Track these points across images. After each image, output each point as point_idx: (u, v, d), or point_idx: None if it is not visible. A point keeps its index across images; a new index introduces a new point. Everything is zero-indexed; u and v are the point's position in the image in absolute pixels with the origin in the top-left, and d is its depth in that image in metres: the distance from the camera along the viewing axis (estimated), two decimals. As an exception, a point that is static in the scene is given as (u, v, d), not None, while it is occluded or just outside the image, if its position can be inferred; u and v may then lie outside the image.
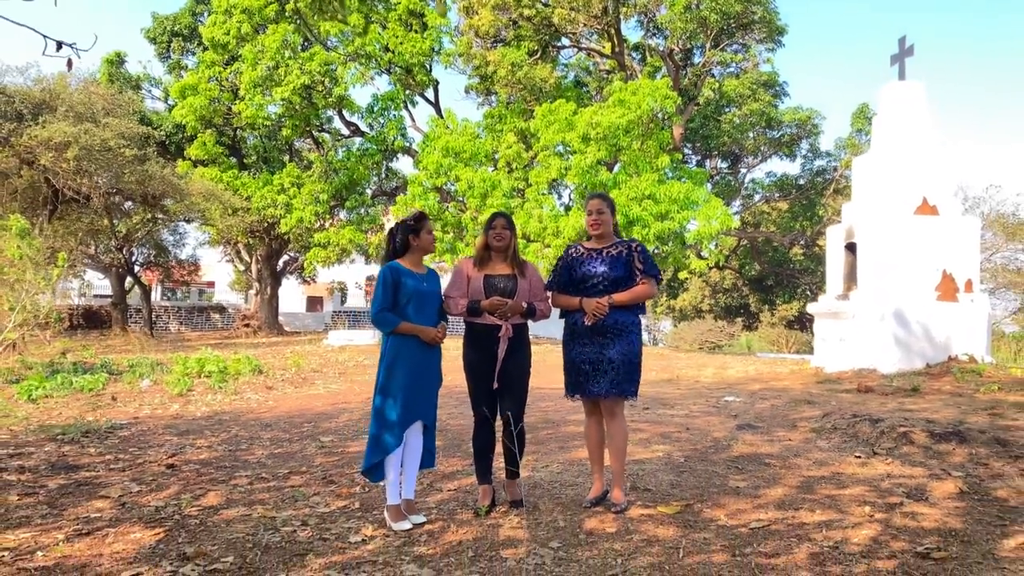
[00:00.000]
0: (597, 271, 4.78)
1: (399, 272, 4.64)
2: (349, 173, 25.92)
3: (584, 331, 4.74)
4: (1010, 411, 7.68)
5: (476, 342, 4.81)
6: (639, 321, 4.84)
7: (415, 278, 4.67)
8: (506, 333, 4.69)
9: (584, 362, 4.74)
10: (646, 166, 21.46)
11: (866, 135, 30.08)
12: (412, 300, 4.60)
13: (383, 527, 4.59)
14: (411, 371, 4.59)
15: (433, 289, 4.76)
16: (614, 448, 4.80)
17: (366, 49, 24.59)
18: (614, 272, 4.75)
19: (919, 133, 12.21)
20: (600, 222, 4.85)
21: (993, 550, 3.82)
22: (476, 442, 4.93)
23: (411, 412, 4.62)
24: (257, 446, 7.66)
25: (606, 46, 27.79)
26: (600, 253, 4.85)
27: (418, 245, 4.74)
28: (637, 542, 4.12)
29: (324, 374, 14.67)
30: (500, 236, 4.80)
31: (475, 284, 4.81)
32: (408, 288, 4.61)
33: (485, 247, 4.88)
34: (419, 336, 4.59)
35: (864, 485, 5.15)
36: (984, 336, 11.59)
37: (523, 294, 4.79)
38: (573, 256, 4.95)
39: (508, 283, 4.79)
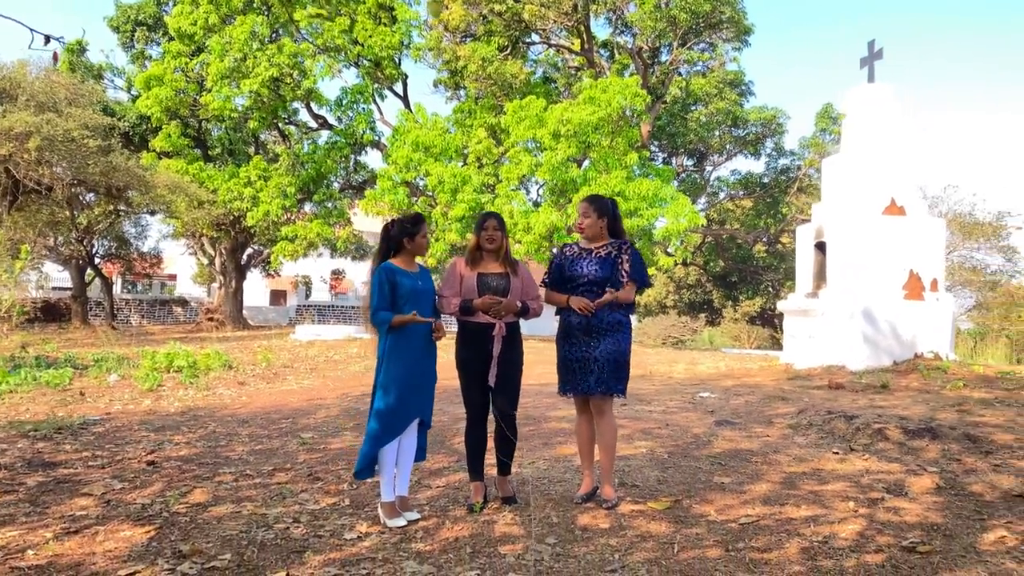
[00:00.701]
0: (584, 271, 4.85)
1: (394, 272, 4.67)
2: (316, 166, 25.75)
3: (575, 329, 4.81)
4: (976, 408, 7.90)
5: (469, 340, 4.84)
6: (629, 321, 4.91)
7: (410, 277, 4.70)
8: (500, 332, 4.75)
9: (574, 360, 4.82)
10: (616, 163, 21.61)
11: (830, 135, 30.59)
12: (409, 300, 4.62)
13: (377, 524, 4.62)
14: (408, 369, 4.64)
15: (428, 287, 4.80)
16: (604, 445, 4.87)
17: (335, 42, 24.41)
18: (600, 273, 4.81)
19: (887, 135, 12.47)
20: (584, 225, 4.94)
21: (974, 544, 3.96)
22: (469, 440, 4.97)
23: (409, 409, 4.67)
24: (237, 442, 7.62)
25: (575, 43, 27.89)
26: (590, 253, 4.92)
27: (412, 248, 4.76)
28: (631, 538, 4.20)
29: (295, 369, 14.59)
30: (492, 239, 4.86)
31: (468, 283, 4.84)
32: (405, 288, 4.64)
33: (477, 247, 4.91)
34: (411, 323, 4.59)
35: (845, 481, 5.28)
36: (948, 334, 11.89)
37: (516, 292, 4.84)
38: (566, 255, 5.03)
39: (501, 282, 4.84)
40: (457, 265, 4.96)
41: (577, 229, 5.01)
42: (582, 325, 4.78)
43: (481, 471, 4.98)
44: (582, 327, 4.79)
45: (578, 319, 4.78)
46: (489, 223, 4.90)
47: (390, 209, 23.55)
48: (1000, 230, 32.91)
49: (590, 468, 5.03)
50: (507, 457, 4.95)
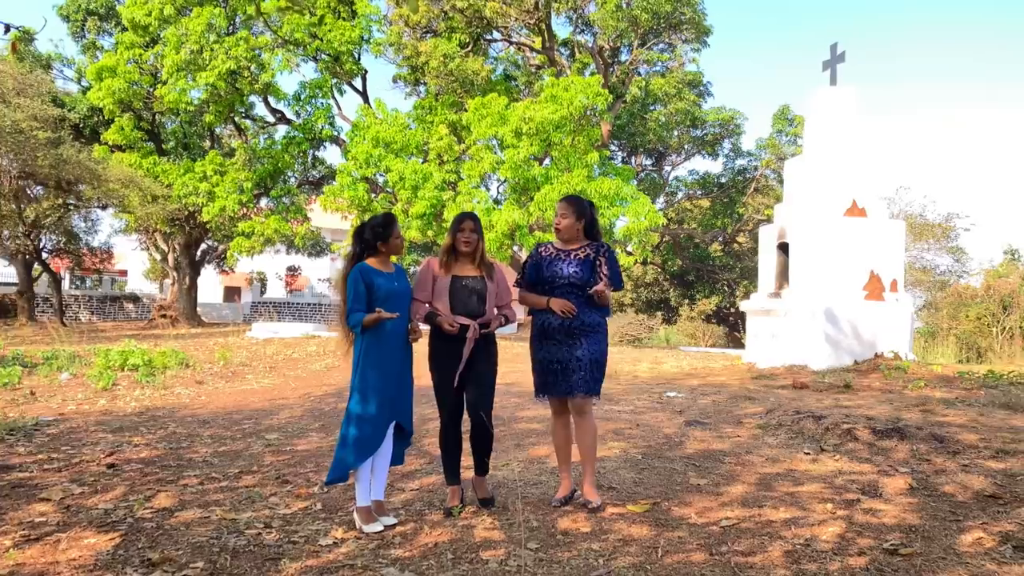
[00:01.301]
0: (563, 272, 4.76)
1: (369, 273, 4.57)
2: (274, 161, 25.36)
3: (553, 331, 4.73)
4: (939, 407, 8.02)
5: (443, 340, 4.74)
6: (605, 322, 4.88)
7: (386, 278, 4.60)
8: (474, 334, 4.66)
9: (553, 362, 4.74)
10: (577, 162, 21.61)
11: (786, 136, 30.99)
12: (386, 301, 4.50)
13: (353, 529, 4.52)
14: (384, 372, 4.55)
15: (404, 288, 4.71)
16: (585, 447, 4.80)
17: (295, 35, 24.06)
18: (580, 275, 4.74)
19: (849, 137, 12.63)
20: (562, 225, 4.86)
21: (953, 545, 3.98)
22: (444, 442, 4.88)
23: (386, 415, 4.57)
24: (199, 444, 7.44)
25: (536, 41, 27.84)
26: (568, 255, 4.84)
27: (387, 249, 4.67)
28: (614, 542, 4.15)
29: (254, 368, 14.34)
30: (468, 240, 4.75)
31: (441, 285, 4.75)
32: (381, 289, 4.54)
33: (451, 249, 4.79)
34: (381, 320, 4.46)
35: (819, 482, 5.30)
36: (908, 334, 12.10)
37: (491, 297, 4.77)
38: (542, 255, 4.93)
39: (477, 284, 4.75)
40: (430, 266, 4.85)
41: (554, 229, 4.94)
42: (563, 327, 4.70)
43: (458, 474, 4.89)
44: (563, 328, 4.71)
45: (559, 320, 4.71)
46: (466, 224, 4.77)
47: (349, 205, 23.30)
48: (949, 231, 33.66)
49: (567, 471, 4.97)
50: (484, 455, 4.87)
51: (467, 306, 4.71)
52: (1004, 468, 5.51)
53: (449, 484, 4.89)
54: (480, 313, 4.74)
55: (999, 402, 8.26)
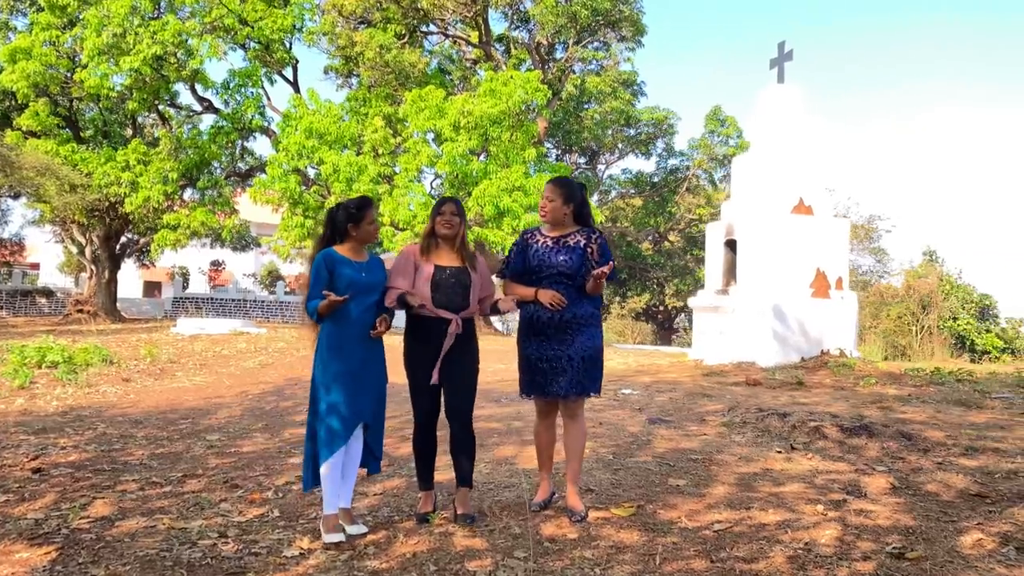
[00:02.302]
0: (554, 260, 4.41)
1: (333, 260, 4.20)
2: (200, 152, 24.42)
3: (544, 325, 4.38)
4: (896, 404, 8.02)
5: (420, 335, 4.38)
6: (599, 314, 4.56)
7: (352, 267, 4.22)
8: (455, 329, 4.30)
9: (543, 359, 4.39)
10: (516, 157, 21.40)
11: (718, 136, 31.35)
12: (350, 292, 4.12)
13: (319, 538, 4.15)
14: (348, 366, 4.19)
15: (374, 279, 4.31)
16: (573, 451, 4.50)
17: (224, 21, 23.21)
18: (571, 263, 4.39)
19: (796, 135, 12.69)
20: (547, 209, 4.50)
21: (955, 548, 3.85)
22: (417, 444, 4.51)
23: (355, 411, 4.20)
24: (134, 446, 6.93)
25: (473, 35, 27.53)
26: (557, 242, 4.49)
27: (359, 235, 4.29)
28: (606, 549, 3.89)
29: (183, 365, 13.67)
30: (449, 223, 4.39)
31: (423, 274, 4.37)
32: (344, 278, 4.17)
33: (432, 234, 4.44)
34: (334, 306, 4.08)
35: (799, 482, 5.14)
36: (853, 331, 12.22)
37: (476, 289, 4.42)
38: (529, 242, 4.56)
39: (461, 275, 4.40)
40: (411, 253, 4.47)
41: (540, 213, 4.57)
42: (554, 320, 4.35)
43: (431, 479, 4.54)
44: (554, 322, 4.36)
45: (548, 314, 4.35)
46: (447, 207, 4.42)
47: (280, 198, 22.63)
48: (872, 232, 34.61)
49: (548, 474, 4.67)
50: (468, 464, 4.46)
51: (450, 298, 4.33)
52: (979, 466, 5.45)
53: (422, 489, 4.54)
54: (463, 306, 4.36)
55: (952, 399, 8.31)
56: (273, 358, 14.55)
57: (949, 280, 31.87)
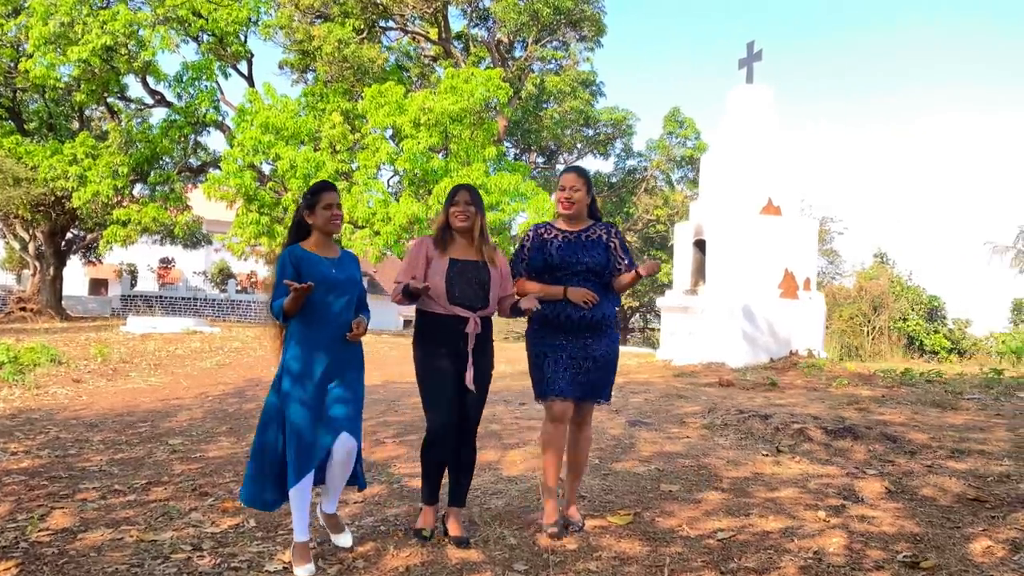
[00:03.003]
0: (582, 257, 4.11)
1: (299, 256, 3.78)
2: (151, 146, 23.74)
3: (572, 324, 4.07)
4: (872, 406, 7.99)
5: (436, 336, 3.98)
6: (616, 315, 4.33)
7: (322, 263, 3.80)
8: (474, 329, 3.93)
9: (567, 360, 4.07)
10: (476, 155, 21.19)
11: (676, 138, 31.47)
12: (316, 291, 3.68)
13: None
14: (322, 373, 3.71)
15: (347, 276, 3.87)
16: (581, 460, 4.28)
17: (178, 12, 22.58)
18: (598, 259, 4.13)
19: (765, 136, 12.67)
20: (573, 200, 4.16)
21: (966, 555, 3.75)
22: (430, 456, 4.04)
23: (327, 428, 3.72)
24: (91, 451, 6.58)
25: (432, 31, 27.25)
26: (579, 236, 4.19)
27: (316, 224, 3.82)
28: (609, 560, 3.71)
29: (136, 365, 13.19)
30: (465, 214, 4.00)
31: (437, 269, 3.96)
32: (313, 276, 3.70)
33: (446, 226, 4.06)
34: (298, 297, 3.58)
35: (793, 486, 5.03)
36: (820, 332, 12.24)
37: (496, 286, 4.04)
38: (546, 237, 4.21)
39: (479, 270, 4.01)
40: (423, 246, 4.06)
41: (563, 206, 4.19)
42: (584, 319, 4.06)
43: (437, 494, 4.11)
44: (584, 322, 4.06)
45: (579, 313, 4.05)
46: (460, 196, 4.02)
47: (235, 194, 22.09)
48: (824, 235, 35.07)
49: (555, 490, 4.23)
50: (465, 481, 4.11)
51: (467, 295, 3.95)
52: (969, 469, 5.39)
53: (426, 503, 4.11)
54: (482, 305, 3.98)
55: (926, 400, 8.31)
56: (230, 358, 14.15)
57: (899, 282, 32.47)
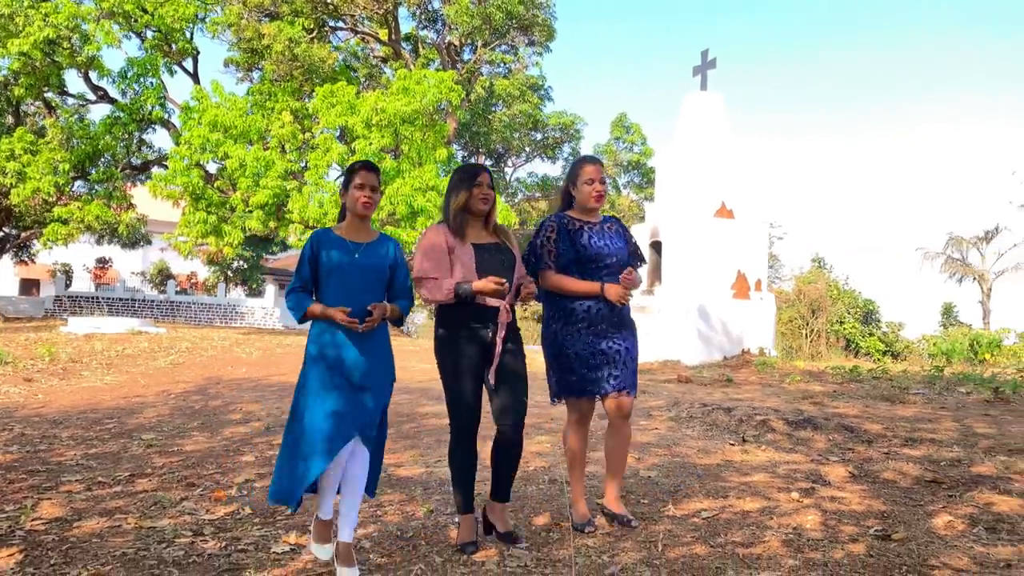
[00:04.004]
0: (612, 250, 4.04)
1: (320, 240, 3.55)
2: (93, 142, 23.28)
3: (602, 319, 3.95)
4: (826, 400, 8.36)
5: (462, 329, 3.73)
6: None
7: (345, 249, 3.51)
8: (506, 318, 3.71)
9: (598, 354, 3.95)
10: (428, 157, 21.28)
11: (623, 143, 31.98)
12: (332, 277, 3.48)
13: (306, 534, 4.00)
14: (341, 368, 3.46)
15: (371, 262, 3.56)
16: (623, 455, 4.15)
17: (123, 7, 22.21)
18: (624, 252, 4.10)
19: (718, 141, 13.07)
20: (601, 191, 4.06)
21: (931, 529, 4.03)
22: (458, 460, 3.84)
23: (346, 422, 3.42)
24: (61, 446, 6.55)
25: (382, 32, 27.25)
26: (602, 228, 4.11)
27: (346, 204, 3.60)
28: (605, 538, 3.91)
29: (87, 365, 12.99)
30: (487, 197, 3.78)
31: (463, 257, 3.71)
32: (330, 261, 3.49)
33: (464, 209, 3.78)
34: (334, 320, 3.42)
35: (763, 472, 5.29)
36: (771, 331, 12.68)
37: (518, 267, 3.86)
38: (570, 228, 4.04)
39: (504, 254, 3.81)
40: (439, 236, 3.76)
41: (596, 199, 4.05)
42: (615, 313, 3.99)
43: (472, 500, 3.88)
44: (614, 316, 3.99)
45: (609, 307, 3.95)
46: (483, 177, 3.80)
47: (182, 193, 21.79)
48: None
49: (583, 487, 4.18)
50: (509, 476, 3.86)
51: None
52: (923, 455, 5.73)
53: (462, 512, 3.84)
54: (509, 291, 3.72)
55: (875, 395, 8.72)
56: (183, 357, 14.00)
57: (836, 286, 33.48)
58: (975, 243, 38.00)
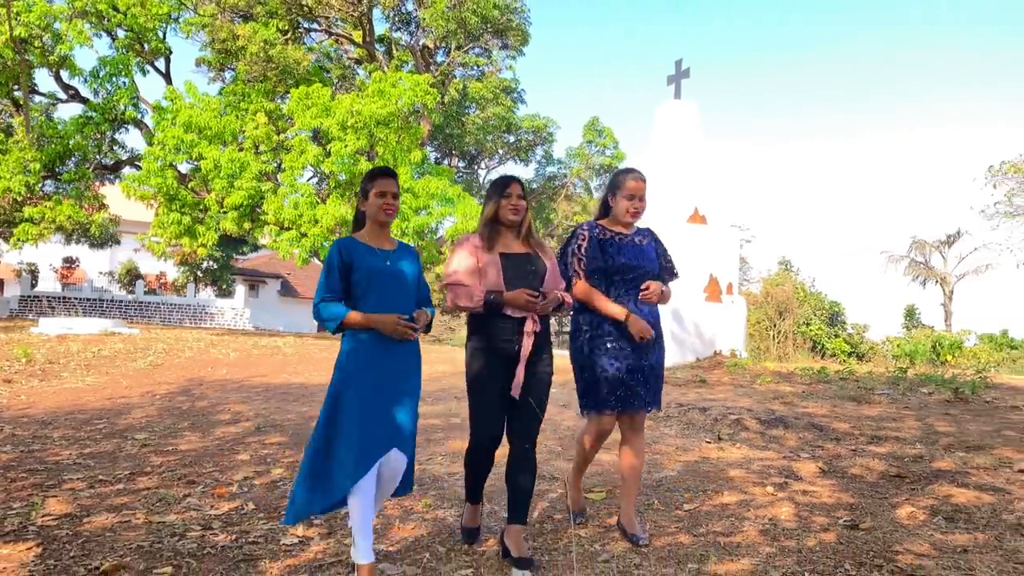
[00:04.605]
0: (643, 262, 4.04)
1: (349, 248, 3.51)
2: (63, 142, 23.17)
3: (628, 334, 3.93)
4: (796, 400, 8.69)
5: (491, 340, 3.71)
6: None
7: (376, 255, 3.52)
8: (533, 328, 3.69)
9: (629, 371, 3.94)
10: (403, 159, 21.45)
11: (595, 147, 32.35)
12: (371, 285, 3.47)
13: (314, 527, 4.23)
14: (378, 376, 3.42)
15: (402, 270, 3.58)
16: (638, 470, 4.09)
17: (96, 6, 22.14)
18: (654, 265, 4.10)
19: (691, 148, 13.40)
20: (640, 211, 4.07)
21: (895, 519, 4.34)
22: (473, 468, 3.87)
23: (380, 438, 3.39)
24: (55, 446, 6.67)
25: (356, 34, 27.37)
26: (633, 240, 4.10)
27: (366, 212, 3.60)
28: (596, 528, 4.18)
29: (65, 366, 13.00)
30: (516, 208, 3.77)
31: (491, 266, 3.70)
32: (363, 269, 3.47)
33: (494, 220, 3.81)
34: (379, 330, 3.41)
35: (739, 468, 5.59)
36: (742, 333, 13.02)
37: (552, 278, 3.83)
38: (601, 239, 4.03)
39: (535, 265, 3.78)
40: (469, 244, 3.78)
41: (633, 215, 4.07)
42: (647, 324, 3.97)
43: (480, 491, 3.94)
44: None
45: (642, 316, 3.97)
46: (513, 188, 3.79)
47: (156, 194, 21.77)
48: (733, 243, 36.47)
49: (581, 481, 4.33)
50: (527, 496, 3.77)
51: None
52: (888, 452, 6.07)
53: (471, 502, 3.94)
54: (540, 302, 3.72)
55: (843, 395, 9.08)
56: (162, 359, 14.05)
57: (803, 288, 34.12)
58: (938, 247, 38.87)
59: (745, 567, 3.55)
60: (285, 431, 7.13)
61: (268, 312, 37.98)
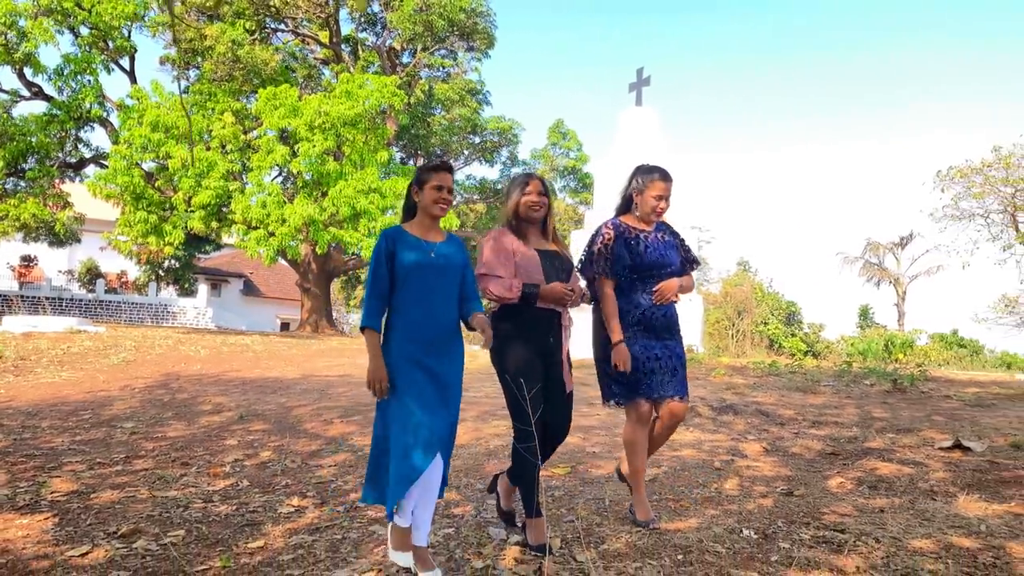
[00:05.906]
0: (671, 259, 4.09)
1: (394, 239, 3.46)
2: (26, 140, 23.15)
3: (657, 325, 4.03)
4: (747, 390, 9.28)
5: (528, 333, 3.71)
6: None
7: (420, 248, 3.46)
8: (569, 323, 3.82)
9: (655, 358, 4.00)
10: (370, 159, 21.79)
11: (560, 148, 32.89)
12: (411, 276, 3.42)
13: (306, 498, 4.66)
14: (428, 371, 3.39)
15: (447, 262, 3.50)
16: (659, 444, 4.30)
17: (62, 4, 22.17)
18: (676, 262, 4.14)
19: (652, 152, 13.94)
20: (665, 207, 4.11)
21: (826, 488, 4.88)
22: (521, 470, 3.73)
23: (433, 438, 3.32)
24: (46, 434, 7.00)
25: (322, 35, 27.61)
26: (657, 237, 4.13)
27: (419, 202, 3.54)
28: (561, 498, 4.66)
29: (38, 362, 13.22)
30: (538, 204, 3.82)
31: (528, 262, 3.74)
32: (407, 261, 3.41)
33: (516, 216, 3.85)
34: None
35: (691, 448, 6.11)
36: (700, 330, 13.62)
37: (574, 275, 3.90)
38: (627, 237, 4.06)
39: (564, 261, 3.88)
40: (506, 236, 3.81)
41: (658, 213, 4.12)
42: (666, 318, 4.07)
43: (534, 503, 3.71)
44: (666, 320, 4.07)
45: (663, 311, 4.05)
46: (533, 185, 3.83)
47: (122, 192, 21.86)
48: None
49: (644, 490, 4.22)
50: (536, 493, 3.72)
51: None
52: (826, 434, 6.64)
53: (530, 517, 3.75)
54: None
55: (790, 386, 9.69)
56: (133, 355, 14.30)
57: (760, 288, 34.97)
58: (891, 248, 39.87)
59: (692, 524, 4.05)
60: (268, 420, 7.52)
61: (230, 312, 37.98)
